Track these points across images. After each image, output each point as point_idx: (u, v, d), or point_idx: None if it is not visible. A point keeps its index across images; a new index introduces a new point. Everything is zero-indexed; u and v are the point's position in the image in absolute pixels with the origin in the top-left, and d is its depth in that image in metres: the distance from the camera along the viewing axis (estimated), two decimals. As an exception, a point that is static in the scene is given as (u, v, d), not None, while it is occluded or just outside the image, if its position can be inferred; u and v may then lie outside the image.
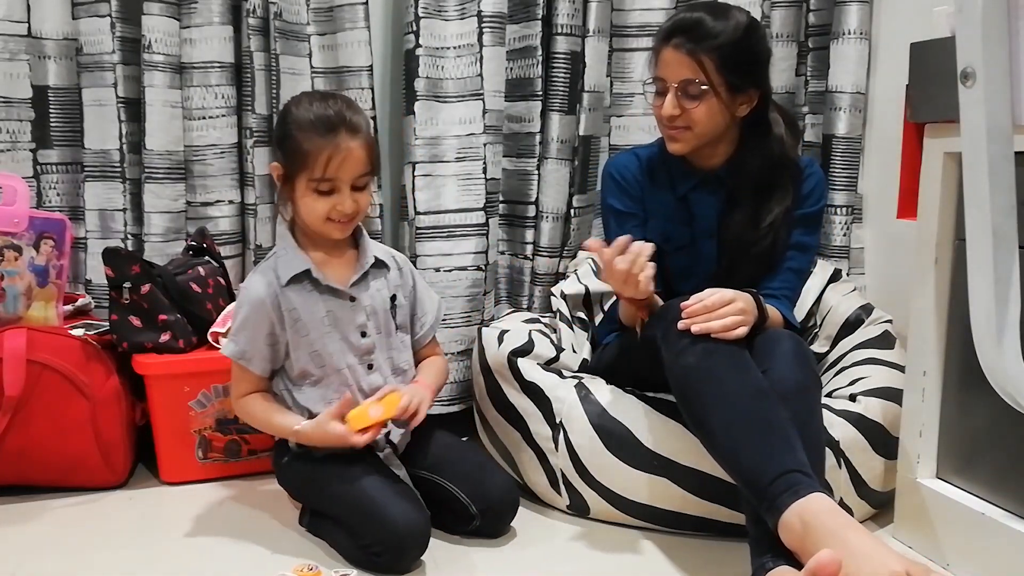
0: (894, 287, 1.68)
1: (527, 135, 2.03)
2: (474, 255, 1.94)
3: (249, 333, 1.43)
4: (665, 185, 1.63)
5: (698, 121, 1.50)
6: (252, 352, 1.43)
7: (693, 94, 1.48)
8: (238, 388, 1.47)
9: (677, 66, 1.48)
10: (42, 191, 1.86)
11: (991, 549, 1.29)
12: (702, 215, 1.61)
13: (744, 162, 1.57)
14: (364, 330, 1.47)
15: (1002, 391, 0.78)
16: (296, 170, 1.39)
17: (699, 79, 1.47)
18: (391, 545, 1.29)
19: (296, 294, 1.43)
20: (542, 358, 1.63)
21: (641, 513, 1.48)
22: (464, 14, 1.92)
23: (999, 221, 0.74)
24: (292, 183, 1.41)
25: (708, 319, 1.34)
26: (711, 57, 1.46)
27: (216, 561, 1.37)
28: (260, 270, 1.46)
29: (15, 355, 1.52)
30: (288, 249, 1.45)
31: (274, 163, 1.44)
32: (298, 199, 1.41)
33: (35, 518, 1.52)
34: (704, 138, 1.53)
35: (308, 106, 1.40)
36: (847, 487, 1.46)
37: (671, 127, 1.53)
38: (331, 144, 1.36)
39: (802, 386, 1.34)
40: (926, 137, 1.39)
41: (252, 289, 1.43)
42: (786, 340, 1.41)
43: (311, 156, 1.36)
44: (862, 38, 1.98)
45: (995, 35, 0.70)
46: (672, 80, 1.49)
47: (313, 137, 1.37)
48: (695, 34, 1.46)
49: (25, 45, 1.80)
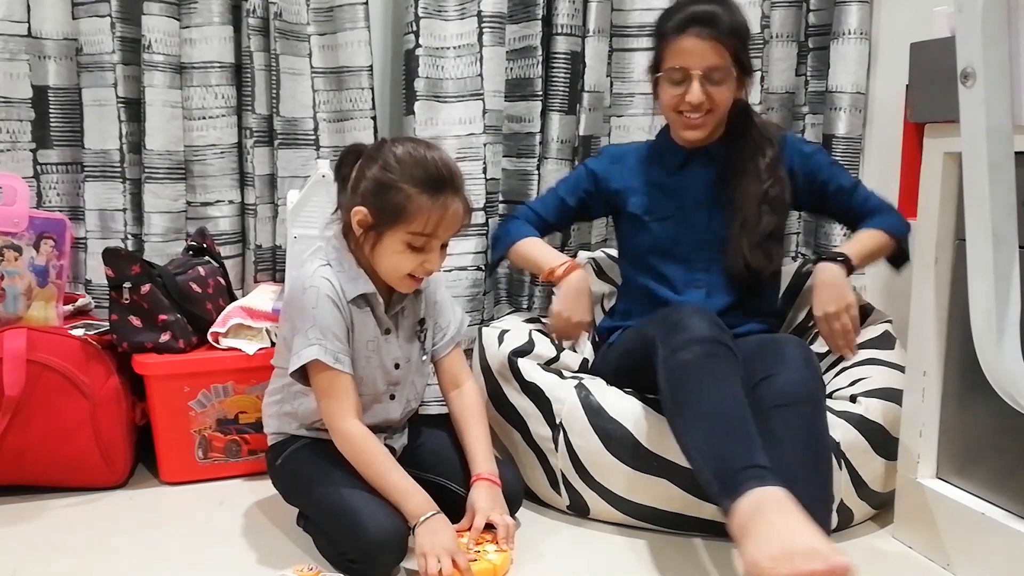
0: (894, 287, 1.68)
1: (527, 135, 2.03)
2: (474, 255, 1.94)
3: (330, 330, 1.31)
4: (656, 163, 1.71)
5: (720, 104, 1.57)
6: (340, 350, 1.31)
7: (717, 79, 1.55)
8: (341, 405, 1.32)
9: (702, 53, 1.53)
10: (42, 191, 1.86)
11: (991, 549, 1.29)
12: (692, 187, 1.66)
13: (732, 135, 1.65)
14: (399, 361, 1.44)
15: (1002, 391, 0.78)
16: (390, 224, 1.31)
17: (724, 63, 1.54)
18: (365, 554, 1.27)
19: (355, 312, 1.37)
20: (542, 358, 1.63)
21: (641, 514, 1.48)
22: (464, 14, 1.92)
23: (999, 221, 0.74)
24: (380, 234, 1.33)
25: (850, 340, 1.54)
26: (731, 42, 1.54)
27: (216, 561, 1.37)
28: (324, 273, 1.35)
29: (15, 355, 1.52)
30: (346, 266, 1.37)
31: (360, 209, 1.33)
32: (382, 250, 1.34)
33: (35, 518, 1.52)
34: (719, 123, 1.62)
35: (412, 158, 1.32)
36: (847, 488, 1.46)
37: (692, 115, 1.58)
38: (439, 205, 1.30)
39: (814, 393, 1.34)
40: (926, 137, 1.39)
41: (323, 288, 1.33)
42: (793, 346, 1.41)
43: (416, 215, 1.30)
44: (862, 38, 1.98)
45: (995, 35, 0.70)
46: (696, 67, 1.54)
47: (422, 195, 1.30)
48: (715, 22, 1.53)
49: (25, 45, 1.80)
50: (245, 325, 1.69)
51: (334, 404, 1.33)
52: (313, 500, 1.39)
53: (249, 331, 1.69)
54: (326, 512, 1.35)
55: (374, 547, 1.27)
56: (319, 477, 1.37)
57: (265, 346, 1.68)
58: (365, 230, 1.34)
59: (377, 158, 1.34)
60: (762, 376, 1.35)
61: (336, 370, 1.32)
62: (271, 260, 1.95)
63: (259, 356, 1.66)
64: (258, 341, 1.68)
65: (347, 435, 1.33)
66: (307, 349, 1.31)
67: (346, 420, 1.33)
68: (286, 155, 1.91)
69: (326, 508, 1.35)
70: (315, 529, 1.41)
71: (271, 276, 1.95)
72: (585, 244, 2.14)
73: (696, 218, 1.65)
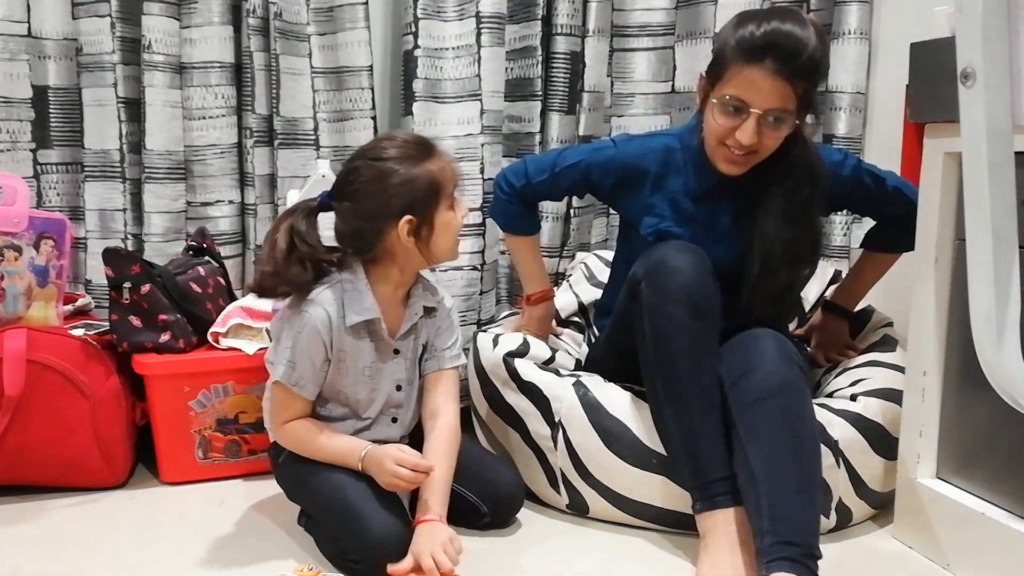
0: (894, 287, 1.68)
1: (527, 135, 2.03)
2: (471, 255, 1.94)
3: (305, 359, 1.36)
4: (679, 182, 1.54)
5: (771, 147, 1.41)
6: (306, 378, 1.37)
7: (777, 122, 1.38)
8: (281, 415, 1.40)
9: (770, 93, 1.35)
10: (42, 191, 1.86)
11: (991, 549, 1.29)
12: (715, 219, 1.53)
13: (770, 168, 1.46)
14: (400, 383, 1.45)
15: (1002, 391, 0.79)
16: (432, 205, 1.35)
17: (790, 106, 1.36)
18: (367, 554, 1.28)
19: (351, 338, 1.38)
20: (538, 359, 1.63)
21: (640, 512, 1.48)
22: (463, 15, 1.92)
23: (999, 221, 0.74)
24: (431, 222, 1.35)
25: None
26: (805, 82, 1.36)
27: (216, 561, 1.37)
28: (324, 298, 1.36)
29: (15, 355, 1.52)
30: (359, 288, 1.38)
31: (407, 220, 1.33)
32: (436, 235, 1.36)
33: (35, 518, 1.52)
34: (763, 159, 1.44)
35: (394, 145, 1.36)
36: (846, 487, 1.46)
37: (739, 150, 1.41)
38: (445, 162, 1.38)
39: (789, 382, 1.33)
40: (926, 137, 1.39)
41: (315, 316, 1.35)
42: (768, 338, 1.39)
43: (444, 183, 1.36)
44: (862, 38, 1.98)
45: (995, 35, 0.70)
46: (759, 107, 1.36)
47: (434, 163, 1.35)
48: (796, 57, 1.33)
49: (25, 45, 1.80)
50: (245, 325, 1.69)
51: (276, 415, 1.41)
52: (315, 498, 1.39)
53: (249, 331, 1.69)
54: (328, 510, 1.35)
55: (376, 546, 1.27)
56: (322, 475, 1.37)
57: (265, 346, 1.68)
58: (415, 232, 1.35)
59: (377, 174, 1.33)
60: (739, 372, 1.35)
61: (292, 394, 1.38)
62: (271, 260, 1.95)
63: (259, 356, 1.65)
64: (258, 341, 1.68)
65: (283, 432, 1.41)
66: (278, 367, 1.37)
67: (283, 426, 1.41)
68: (286, 155, 1.91)
69: (328, 506, 1.35)
70: (317, 528, 1.41)
71: (271, 276, 1.95)
72: (585, 244, 2.14)
73: (714, 251, 1.45)
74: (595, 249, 2.13)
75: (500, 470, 1.50)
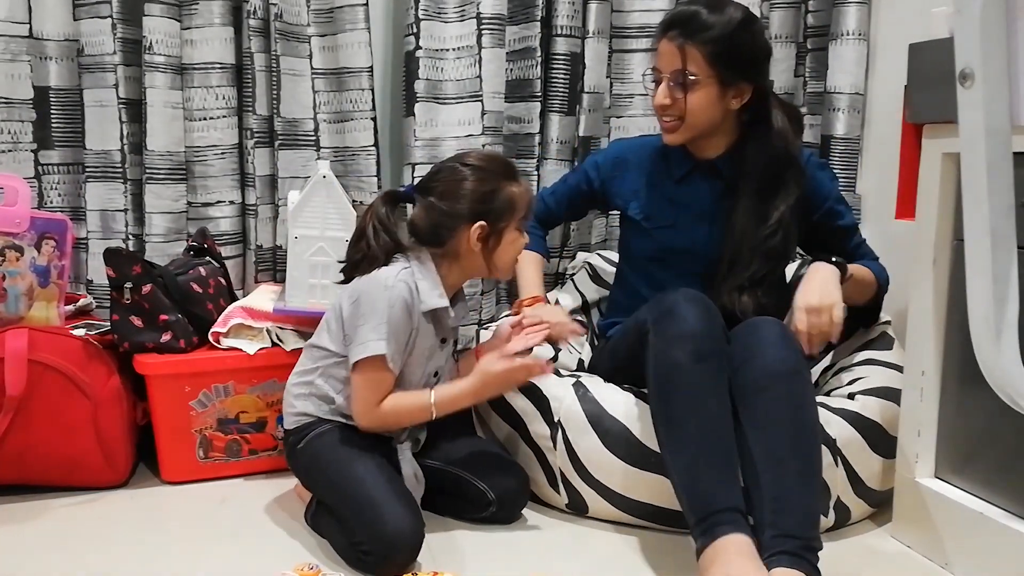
0: (893, 287, 1.69)
1: (527, 136, 2.04)
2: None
3: (398, 332, 1.39)
4: (662, 168, 1.67)
5: (689, 112, 1.53)
6: (398, 354, 1.41)
7: (687, 85, 1.52)
8: (378, 393, 1.41)
9: (670, 57, 1.52)
10: (43, 192, 1.86)
11: (989, 548, 1.29)
12: (696, 199, 1.63)
13: (744, 155, 1.58)
14: (439, 369, 1.51)
15: (1000, 391, 0.79)
16: (506, 219, 1.44)
17: (688, 70, 1.51)
18: (380, 547, 1.29)
19: (422, 321, 1.43)
20: (540, 358, 1.63)
21: (640, 511, 1.49)
22: (464, 16, 1.93)
23: (997, 221, 0.74)
24: (499, 233, 1.44)
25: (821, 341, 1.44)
26: (701, 49, 1.50)
27: (216, 561, 1.37)
28: (396, 280, 1.40)
29: (17, 355, 1.52)
30: (428, 278, 1.43)
31: (480, 225, 1.42)
32: (501, 247, 1.45)
33: (36, 518, 1.52)
34: (697, 129, 1.56)
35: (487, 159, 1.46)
36: (844, 485, 1.47)
37: (664, 117, 1.57)
38: (524, 187, 1.47)
39: (793, 369, 1.34)
40: (924, 138, 1.39)
41: (398, 292, 1.39)
42: (769, 325, 1.40)
43: (519, 202, 1.44)
44: (861, 39, 1.99)
45: (993, 35, 0.70)
46: (665, 71, 1.54)
47: (511, 185, 1.44)
48: (688, 26, 1.50)
49: (26, 46, 1.80)
50: (246, 325, 1.69)
51: (371, 397, 1.40)
52: (333, 486, 1.40)
53: (250, 331, 1.70)
54: (345, 500, 1.36)
55: (390, 540, 1.29)
56: (343, 464, 1.39)
57: (266, 346, 1.68)
58: (484, 239, 1.43)
59: (465, 178, 1.42)
60: (741, 360, 1.36)
61: (388, 370, 1.39)
62: (272, 260, 1.96)
63: (260, 356, 1.66)
64: (259, 341, 1.69)
65: (383, 411, 1.41)
66: (376, 343, 1.37)
67: (377, 408, 1.41)
68: (287, 156, 1.91)
69: (346, 496, 1.36)
70: (327, 519, 1.42)
71: (272, 276, 1.96)
72: (585, 245, 2.14)
73: (696, 231, 1.62)
74: (595, 249, 2.14)
75: (509, 464, 1.54)
